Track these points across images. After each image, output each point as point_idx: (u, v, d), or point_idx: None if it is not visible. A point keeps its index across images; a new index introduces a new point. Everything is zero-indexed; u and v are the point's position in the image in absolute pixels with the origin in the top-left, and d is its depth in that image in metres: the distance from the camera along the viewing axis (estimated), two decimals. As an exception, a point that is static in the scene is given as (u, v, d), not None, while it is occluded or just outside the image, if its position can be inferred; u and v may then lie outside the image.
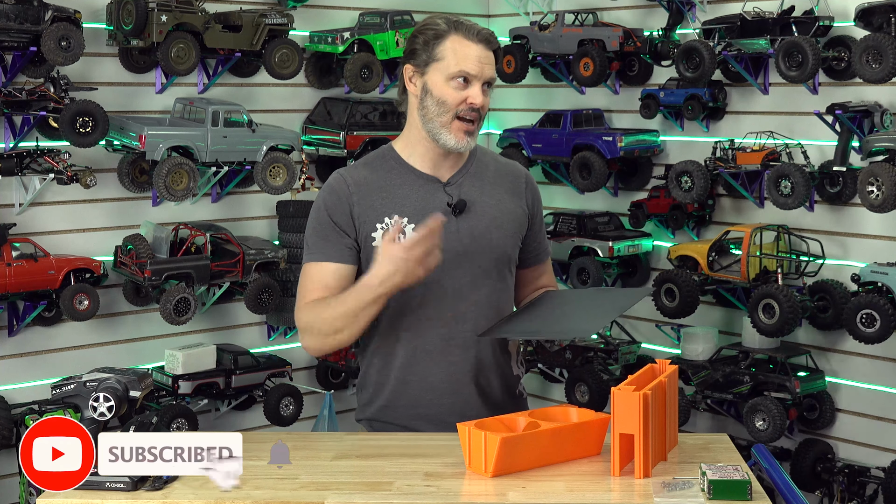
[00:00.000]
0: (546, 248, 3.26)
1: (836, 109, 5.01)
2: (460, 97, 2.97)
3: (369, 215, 3.01)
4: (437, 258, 2.83)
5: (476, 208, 3.05)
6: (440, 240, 2.82)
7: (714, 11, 5.59)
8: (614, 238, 5.89)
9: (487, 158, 3.16)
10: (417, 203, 3.02)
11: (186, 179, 5.12)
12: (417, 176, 3.06)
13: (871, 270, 4.94)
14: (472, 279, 3.03)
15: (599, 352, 5.95)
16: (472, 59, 2.96)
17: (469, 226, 3.03)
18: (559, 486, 2.52)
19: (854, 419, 5.34)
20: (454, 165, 3.09)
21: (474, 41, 2.97)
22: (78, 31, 4.80)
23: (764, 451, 3.08)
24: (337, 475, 2.59)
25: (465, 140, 3.00)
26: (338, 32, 5.77)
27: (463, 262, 3.01)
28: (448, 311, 3.02)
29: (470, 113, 2.97)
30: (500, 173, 3.14)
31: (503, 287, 3.09)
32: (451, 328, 3.02)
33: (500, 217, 3.07)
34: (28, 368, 5.10)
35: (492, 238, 3.04)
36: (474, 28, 3.00)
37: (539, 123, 6.17)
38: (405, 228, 2.98)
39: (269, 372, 5.49)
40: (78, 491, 2.46)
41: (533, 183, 3.21)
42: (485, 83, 2.98)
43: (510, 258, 3.09)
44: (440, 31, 2.98)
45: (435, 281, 2.97)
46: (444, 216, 2.90)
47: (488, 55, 2.99)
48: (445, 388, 3.04)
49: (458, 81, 2.96)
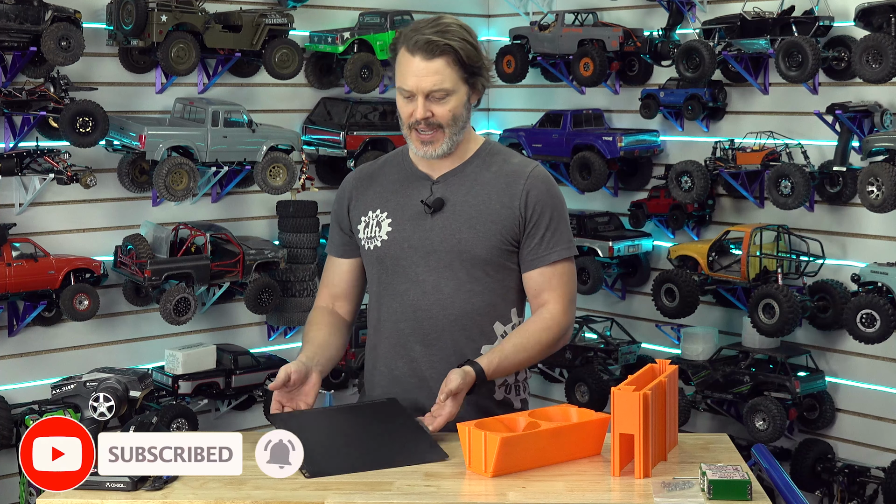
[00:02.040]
0: (549, 253, 3.05)
1: (836, 109, 5.01)
2: (408, 111, 2.99)
3: (359, 208, 3.15)
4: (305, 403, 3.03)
5: (454, 208, 3.04)
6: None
7: (714, 11, 5.59)
8: (614, 238, 5.88)
9: (494, 159, 3.11)
10: (400, 199, 3.09)
11: (186, 179, 5.12)
12: (412, 172, 3.12)
13: (871, 270, 4.94)
14: (436, 278, 3.04)
15: (599, 352, 5.95)
16: (408, 75, 2.95)
17: (441, 224, 3.04)
18: (559, 486, 2.52)
19: (854, 419, 5.34)
20: (450, 164, 3.09)
21: (413, 53, 2.93)
22: (78, 31, 4.80)
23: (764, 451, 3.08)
24: (337, 475, 2.59)
25: (424, 149, 3.01)
26: (338, 32, 5.77)
27: (430, 260, 3.04)
28: (410, 307, 3.06)
29: (418, 125, 2.97)
30: (500, 174, 3.09)
31: (477, 290, 3.04)
32: (411, 324, 3.06)
33: (477, 218, 3.03)
34: (28, 368, 5.10)
35: (461, 238, 3.02)
36: (417, 38, 2.93)
37: (539, 123, 6.17)
38: (381, 221, 3.08)
39: (269, 372, 5.49)
40: (78, 491, 2.46)
41: (541, 184, 3.07)
42: (432, 94, 2.94)
43: (484, 260, 3.03)
44: (398, 43, 3.00)
45: (403, 276, 3.06)
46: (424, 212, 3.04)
47: (429, 66, 2.92)
48: (409, 383, 3.08)
49: (404, 97, 2.99)
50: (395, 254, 3.06)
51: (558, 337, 3.06)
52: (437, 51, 2.93)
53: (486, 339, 3.07)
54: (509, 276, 3.09)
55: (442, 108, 2.97)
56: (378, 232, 3.08)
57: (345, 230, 3.18)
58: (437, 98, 2.96)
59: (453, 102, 2.98)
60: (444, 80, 2.95)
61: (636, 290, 6.19)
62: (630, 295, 6.23)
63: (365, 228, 3.11)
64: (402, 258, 3.05)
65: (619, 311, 6.24)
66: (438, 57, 2.93)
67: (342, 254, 3.20)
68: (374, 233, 3.09)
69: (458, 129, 3.03)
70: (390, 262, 3.07)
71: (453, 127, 3.00)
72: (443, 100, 2.96)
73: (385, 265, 3.08)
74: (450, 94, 2.97)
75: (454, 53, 2.94)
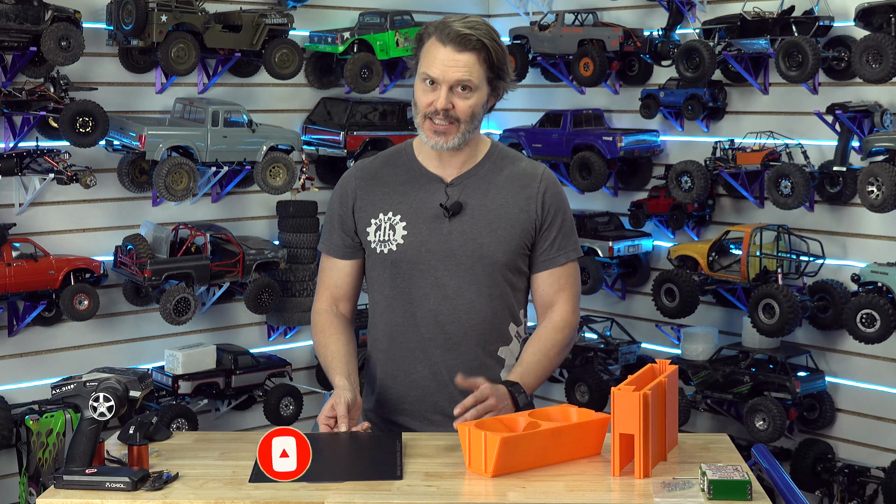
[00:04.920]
0: (560, 255, 3.10)
1: (836, 109, 5.01)
2: (427, 100, 2.97)
3: (367, 210, 3.10)
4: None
5: (473, 212, 3.04)
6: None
7: (714, 11, 5.59)
8: (614, 238, 5.89)
9: (505, 162, 3.12)
10: (414, 202, 3.06)
11: (186, 179, 5.12)
12: (422, 174, 3.09)
13: (871, 270, 4.94)
14: (458, 282, 3.03)
15: (599, 352, 5.96)
16: (436, 62, 2.94)
17: (461, 229, 3.03)
18: (559, 486, 2.52)
19: (854, 419, 5.34)
20: (463, 165, 3.08)
21: (444, 43, 2.93)
22: (78, 31, 4.80)
23: (764, 451, 3.08)
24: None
25: (435, 139, 2.99)
26: (338, 32, 5.77)
27: (450, 265, 3.03)
28: (431, 312, 3.05)
29: (435, 115, 2.97)
30: (513, 177, 3.09)
31: (497, 294, 3.06)
32: (432, 329, 3.05)
33: (497, 222, 3.04)
34: (28, 368, 5.10)
35: (482, 243, 3.03)
36: (450, 29, 2.94)
37: (539, 123, 6.17)
38: (395, 225, 3.04)
39: (269, 372, 5.49)
40: (78, 491, 2.47)
41: (552, 186, 3.11)
42: (457, 86, 2.95)
43: (504, 265, 3.05)
44: (425, 33, 3.00)
45: (422, 280, 3.04)
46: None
47: (459, 58, 2.93)
48: (429, 387, 3.08)
49: (426, 84, 2.97)
50: (411, 258, 3.04)
51: (571, 337, 3.13)
52: (470, 45, 2.94)
53: (502, 340, 3.11)
54: (522, 279, 3.13)
55: (463, 103, 2.97)
56: (393, 235, 3.05)
57: (348, 232, 3.14)
58: (460, 91, 2.96)
59: (474, 99, 2.99)
60: (471, 74, 2.95)
61: (636, 290, 6.19)
62: (630, 295, 6.23)
63: (376, 231, 3.08)
64: (420, 262, 3.04)
65: (619, 311, 6.24)
66: (470, 51, 2.95)
67: (344, 255, 3.16)
68: (387, 236, 3.06)
69: (473, 128, 3.02)
70: (406, 266, 3.05)
71: (469, 124, 3.00)
72: (465, 94, 2.97)
73: (400, 269, 3.06)
74: (473, 89, 2.97)
75: (485, 51, 2.96)
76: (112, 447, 2.77)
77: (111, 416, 2.56)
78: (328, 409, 2.91)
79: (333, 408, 2.90)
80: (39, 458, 4.67)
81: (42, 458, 4.68)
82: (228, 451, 2.80)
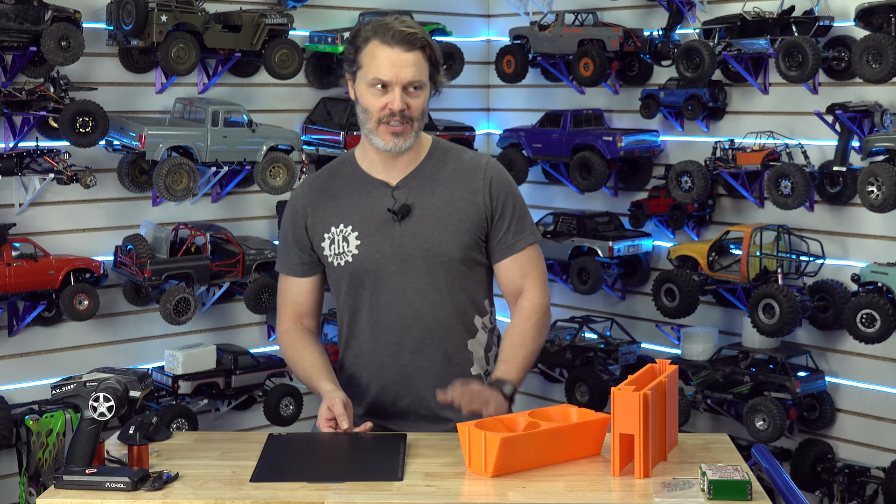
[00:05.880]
0: (518, 240, 3.10)
1: (836, 109, 5.01)
2: (380, 104, 2.97)
3: (319, 225, 3.11)
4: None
5: (422, 212, 3.04)
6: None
7: (714, 11, 5.59)
8: (614, 238, 5.88)
9: (448, 157, 3.13)
10: (363, 211, 3.07)
11: (186, 179, 5.12)
12: (368, 181, 3.09)
13: (871, 270, 4.94)
14: (417, 284, 3.04)
15: (599, 352, 5.96)
16: (385, 65, 2.94)
17: (413, 231, 3.04)
18: (559, 486, 2.52)
19: (854, 419, 5.34)
20: (406, 167, 3.08)
21: (390, 45, 2.93)
22: (78, 31, 4.79)
23: (764, 451, 3.08)
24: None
25: (394, 141, 2.99)
26: (338, 32, 5.77)
27: (407, 268, 3.04)
28: (397, 316, 3.06)
29: (391, 118, 2.96)
30: (457, 171, 3.10)
31: (457, 289, 3.08)
32: (398, 333, 3.07)
33: (447, 219, 3.04)
34: (28, 368, 5.10)
35: (435, 241, 3.03)
36: (393, 30, 2.94)
37: (539, 123, 6.17)
38: (348, 236, 3.05)
39: (269, 372, 5.49)
40: (78, 491, 2.47)
41: (498, 175, 3.11)
42: (409, 86, 2.95)
43: (460, 260, 3.06)
44: (363, 38, 2.99)
45: (382, 287, 3.05)
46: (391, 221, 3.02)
47: (407, 57, 2.94)
48: (402, 390, 3.11)
49: (377, 88, 2.96)
50: (368, 267, 3.05)
51: (545, 319, 3.16)
52: (417, 44, 2.96)
53: (469, 334, 3.13)
54: (481, 270, 3.13)
55: (416, 101, 2.98)
56: (347, 247, 3.06)
57: (303, 249, 3.15)
58: (412, 91, 2.97)
59: (424, 96, 3.01)
60: (420, 72, 2.97)
61: (636, 290, 6.19)
62: (630, 295, 6.23)
63: (331, 245, 3.08)
64: (378, 270, 3.04)
65: (619, 311, 6.24)
66: (417, 50, 2.96)
67: (303, 273, 3.18)
68: (342, 248, 3.07)
69: (422, 126, 3.05)
70: (365, 275, 3.06)
71: (421, 122, 3.02)
72: (417, 93, 2.98)
73: (360, 279, 3.07)
74: (423, 87, 3.00)
75: (429, 49, 2.98)
76: (112, 447, 2.77)
77: (111, 416, 2.56)
78: (325, 412, 2.93)
79: (330, 409, 2.91)
80: (39, 459, 4.67)
81: (42, 459, 4.67)
82: (228, 451, 2.80)
